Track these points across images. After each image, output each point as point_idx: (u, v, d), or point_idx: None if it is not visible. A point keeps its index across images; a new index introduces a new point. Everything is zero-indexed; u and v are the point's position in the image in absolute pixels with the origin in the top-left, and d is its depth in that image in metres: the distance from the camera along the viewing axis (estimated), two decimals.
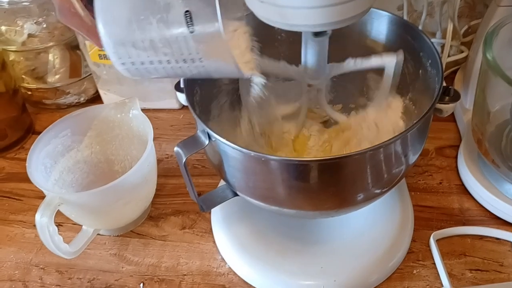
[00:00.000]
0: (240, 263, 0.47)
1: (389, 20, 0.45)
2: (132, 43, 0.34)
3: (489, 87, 0.47)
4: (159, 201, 0.56)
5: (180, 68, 0.34)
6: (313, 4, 0.30)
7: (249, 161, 0.36)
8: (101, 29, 0.34)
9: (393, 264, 0.46)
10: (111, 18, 0.34)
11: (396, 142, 0.35)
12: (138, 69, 0.36)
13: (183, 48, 0.33)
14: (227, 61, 0.33)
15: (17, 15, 0.62)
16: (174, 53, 0.33)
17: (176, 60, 0.34)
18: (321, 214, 0.42)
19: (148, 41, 0.33)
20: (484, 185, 0.50)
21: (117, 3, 0.34)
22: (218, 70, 0.35)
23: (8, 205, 0.57)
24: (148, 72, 0.36)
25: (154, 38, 0.33)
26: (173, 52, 0.33)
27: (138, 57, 0.34)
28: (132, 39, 0.33)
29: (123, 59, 0.35)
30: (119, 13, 0.33)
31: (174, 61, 0.34)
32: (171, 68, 0.35)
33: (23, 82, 0.68)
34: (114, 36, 0.34)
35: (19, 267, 0.50)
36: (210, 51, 0.33)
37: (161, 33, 0.32)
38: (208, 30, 0.31)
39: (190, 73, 0.35)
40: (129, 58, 0.35)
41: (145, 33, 0.33)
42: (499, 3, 0.52)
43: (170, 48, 0.33)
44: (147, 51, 0.34)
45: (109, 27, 0.34)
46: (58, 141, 0.52)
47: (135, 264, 0.49)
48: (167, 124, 0.66)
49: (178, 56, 0.33)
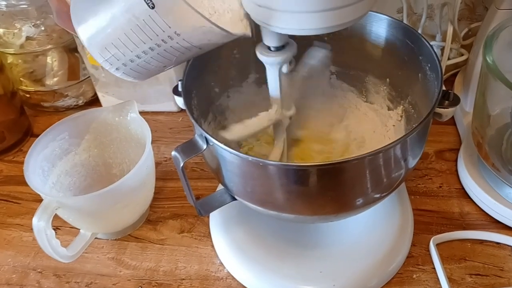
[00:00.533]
0: (238, 267, 0.47)
1: (388, 24, 0.44)
2: (111, 43, 0.34)
3: (489, 90, 0.46)
4: (157, 205, 0.55)
5: (166, 51, 0.34)
6: (309, 8, 0.30)
7: (247, 166, 0.36)
8: (85, 42, 0.35)
9: (392, 268, 0.46)
10: (88, 28, 0.34)
11: (395, 146, 0.35)
12: (133, 68, 0.36)
13: (155, 28, 0.32)
14: (199, 22, 0.32)
15: (15, 18, 0.62)
16: (150, 37, 0.33)
17: (157, 44, 0.33)
18: (320, 219, 0.42)
19: (123, 35, 0.33)
20: (484, 189, 0.50)
21: (84, 11, 0.34)
22: (204, 38, 0.34)
23: (6, 208, 0.57)
24: (143, 68, 0.36)
25: (126, 30, 0.33)
26: (149, 36, 0.33)
27: (125, 56, 0.35)
28: (109, 39, 0.34)
29: (114, 64, 0.35)
30: (89, 18, 0.34)
31: (156, 46, 0.34)
32: (158, 55, 0.35)
33: (21, 85, 0.68)
34: (95, 43, 0.34)
35: (16, 271, 0.50)
36: (179, 20, 0.32)
37: (129, 22, 0.32)
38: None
39: (180, 54, 0.35)
40: (117, 60, 0.35)
41: (115, 28, 0.33)
42: (499, 6, 0.52)
43: (144, 33, 0.33)
44: (127, 46, 0.34)
45: (89, 38, 0.34)
46: (56, 144, 0.51)
47: (133, 268, 0.49)
48: (166, 127, 0.66)
49: (156, 39, 0.33)
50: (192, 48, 0.34)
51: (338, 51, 0.48)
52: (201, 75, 0.45)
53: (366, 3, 0.32)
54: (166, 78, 0.64)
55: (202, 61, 0.44)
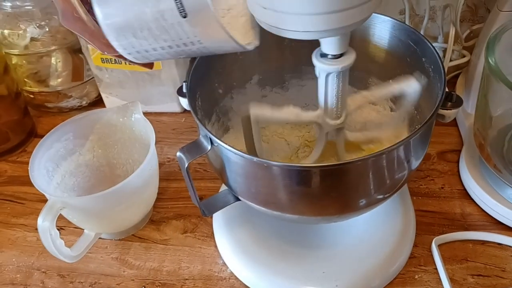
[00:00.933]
0: (241, 267, 0.47)
1: (391, 26, 0.45)
2: (132, 33, 0.34)
3: (491, 92, 0.47)
4: (160, 205, 0.56)
5: (183, 50, 0.36)
6: (315, 10, 0.30)
7: (251, 167, 0.36)
8: (103, 23, 0.35)
9: (395, 269, 0.46)
10: (109, 10, 0.34)
11: (398, 148, 0.35)
12: (145, 56, 0.37)
13: (181, 33, 0.34)
14: (225, 39, 0.34)
15: (19, 19, 0.63)
16: (173, 38, 0.34)
17: (177, 45, 0.35)
18: (323, 219, 0.42)
19: (146, 30, 0.34)
20: (486, 190, 0.50)
21: None
22: (220, 48, 0.36)
23: (10, 209, 0.58)
24: (154, 57, 0.37)
25: (151, 27, 0.34)
26: (172, 38, 0.34)
27: (141, 46, 0.35)
28: (131, 29, 0.34)
29: (128, 49, 0.36)
30: (115, 4, 0.34)
31: (176, 46, 0.35)
32: (174, 52, 0.36)
33: (25, 86, 0.68)
34: (114, 28, 0.35)
35: (20, 270, 0.50)
36: (206, 33, 0.33)
37: (156, 22, 0.33)
38: (199, 12, 0.32)
39: (194, 53, 0.36)
40: (132, 48, 0.36)
41: (141, 23, 0.34)
42: (501, 8, 0.52)
43: (168, 34, 0.34)
44: (147, 39, 0.35)
45: (108, 20, 0.35)
46: (60, 145, 0.52)
47: (137, 268, 0.49)
48: (169, 128, 0.67)
49: (178, 41, 0.34)
50: (207, 52, 0.36)
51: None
52: (205, 76, 0.45)
53: (371, 5, 0.32)
54: (169, 79, 0.64)
55: (206, 62, 0.44)
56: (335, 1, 0.30)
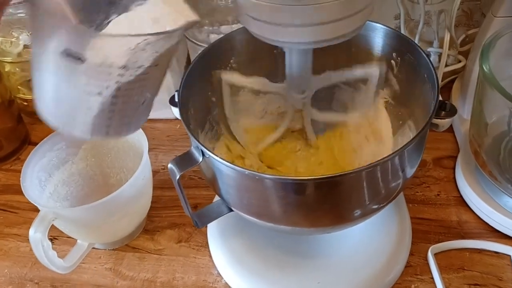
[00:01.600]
0: (236, 278, 0.46)
1: (385, 34, 0.44)
2: (73, 115, 0.32)
3: (486, 98, 0.46)
4: (154, 214, 0.55)
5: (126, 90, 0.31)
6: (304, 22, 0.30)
7: (243, 179, 0.36)
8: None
9: (391, 279, 0.45)
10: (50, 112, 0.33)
11: (393, 159, 0.35)
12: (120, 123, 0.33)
13: (102, 73, 0.30)
14: (130, 43, 0.29)
15: (12, 27, 0.62)
16: (95, 83, 0.31)
17: (105, 87, 0.31)
18: (317, 230, 0.42)
19: (75, 92, 0.31)
20: (482, 197, 0.50)
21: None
22: (149, 56, 0.31)
23: (3, 218, 0.57)
24: (109, 119, 0.32)
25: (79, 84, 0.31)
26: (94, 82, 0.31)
27: (89, 111, 0.31)
28: (70, 108, 0.32)
29: (83, 129, 0.33)
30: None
31: (105, 88, 0.31)
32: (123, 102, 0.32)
33: (18, 93, 0.68)
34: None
35: (13, 282, 0.50)
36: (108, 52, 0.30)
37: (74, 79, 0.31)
38: (88, 47, 0.29)
39: (131, 91, 0.32)
40: (84, 125, 0.32)
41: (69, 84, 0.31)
42: (496, 14, 0.52)
43: (94, 81, 0.30)
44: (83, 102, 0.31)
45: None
46: (53, 154, 0.51)
47: (130, 279, 0.49)
48: (164, 135, 0.66)
49: (100, 84, 0.31)
50: (149, 69, 0.31)
51: (334, 61, 0.47)
52: (198, 84, 0.45)
53: (360, 16, 0.32)
54: (164, 85, 0.63)
55: (198, 71, 0.43)
56: None
